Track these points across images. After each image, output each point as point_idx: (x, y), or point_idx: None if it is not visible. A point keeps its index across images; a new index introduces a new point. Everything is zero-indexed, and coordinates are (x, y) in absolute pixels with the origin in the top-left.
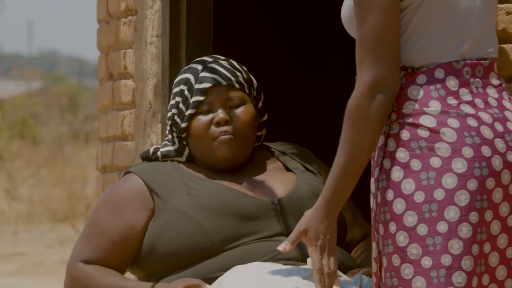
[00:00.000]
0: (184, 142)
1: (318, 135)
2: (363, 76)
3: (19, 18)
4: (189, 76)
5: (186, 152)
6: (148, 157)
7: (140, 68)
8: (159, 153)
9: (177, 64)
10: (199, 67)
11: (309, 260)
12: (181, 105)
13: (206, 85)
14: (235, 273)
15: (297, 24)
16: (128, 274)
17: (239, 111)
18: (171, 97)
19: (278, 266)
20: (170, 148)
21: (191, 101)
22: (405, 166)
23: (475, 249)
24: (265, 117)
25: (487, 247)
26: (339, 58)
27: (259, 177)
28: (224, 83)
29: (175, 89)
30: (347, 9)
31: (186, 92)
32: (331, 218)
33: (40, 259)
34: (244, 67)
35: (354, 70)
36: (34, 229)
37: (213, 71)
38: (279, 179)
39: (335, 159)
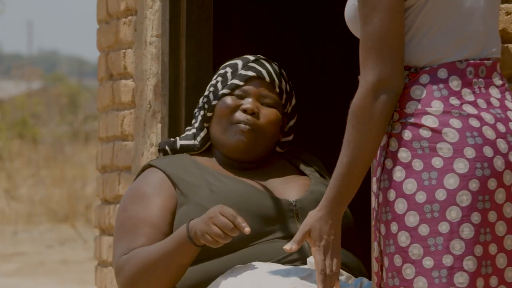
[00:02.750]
0: (206, 124)
1: (318, 135)
2: (367, 76)
3: (19, 18)
4: (239, 62)
5: (203, 134)
6: (169, 144)
7: (140, 68)
8: (178, 141)
9: (177, 64)
10: (251, 58)
11: (309, 259)
12: (219, 84)
13: (250, 73)
14: (234, 273)
15: (297, 24)
16: None
17: (268, 110)
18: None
19: (277, 266)
20: (189, 133)
21: (229, 82)
22: (407, 166)
23: (478, 249)
24: (290, 138)
25: (493, 248)
26: (339, 58)
27: (275, 179)
28: (267, 79)
29: (221, 71)
30: (350, 9)
31: (228, 74)
32: (335, 218)
33: (40, 259)
34: (290, 83)
35: (354, 70)
36: (34, 229)
37: (262, 65)
38: (294, 181)
39: (338, 159)
